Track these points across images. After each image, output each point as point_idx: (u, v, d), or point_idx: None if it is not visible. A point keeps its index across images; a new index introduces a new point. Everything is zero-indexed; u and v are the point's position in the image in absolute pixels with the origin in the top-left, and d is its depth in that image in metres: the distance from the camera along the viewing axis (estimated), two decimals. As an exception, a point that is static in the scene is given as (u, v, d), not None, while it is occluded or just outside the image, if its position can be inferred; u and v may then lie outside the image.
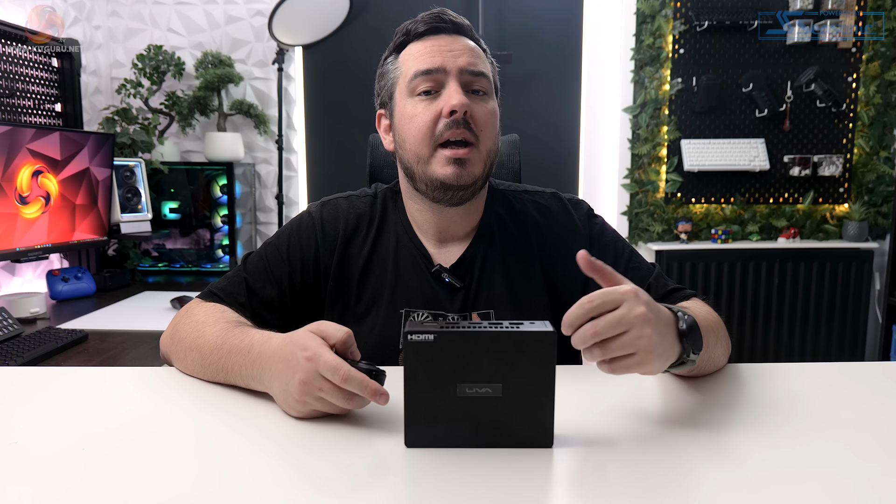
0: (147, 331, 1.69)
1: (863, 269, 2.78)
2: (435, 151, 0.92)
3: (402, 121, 0.95)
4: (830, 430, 0.68)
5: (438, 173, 0.92)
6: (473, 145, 0.92)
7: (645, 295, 0.66)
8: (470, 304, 0.98)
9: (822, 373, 0.88)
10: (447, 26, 0.95)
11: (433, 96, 0.92)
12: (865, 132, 2.80)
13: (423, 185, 0.95)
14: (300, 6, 2.58)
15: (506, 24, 2.83)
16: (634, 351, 0.63)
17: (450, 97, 0.90)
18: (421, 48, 0.94)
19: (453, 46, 0.93)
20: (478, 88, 0.93)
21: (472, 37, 0.97)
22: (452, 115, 0.90)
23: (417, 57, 0.94)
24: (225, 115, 2.70)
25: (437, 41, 0.94)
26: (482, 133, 0.92)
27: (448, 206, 0.96)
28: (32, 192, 1.92)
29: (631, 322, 0.62)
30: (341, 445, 0.64)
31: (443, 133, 0.91)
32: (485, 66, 0.96)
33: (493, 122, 0.95)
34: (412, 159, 0.94)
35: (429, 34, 0.95)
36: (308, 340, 0.68)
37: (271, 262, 0.99)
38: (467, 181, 0.92)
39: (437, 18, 0.95)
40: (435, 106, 0.91)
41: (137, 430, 0.68)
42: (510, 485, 0.57)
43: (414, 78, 0.92)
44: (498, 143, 0.98)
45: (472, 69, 0.93)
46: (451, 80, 0.91)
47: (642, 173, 2.83)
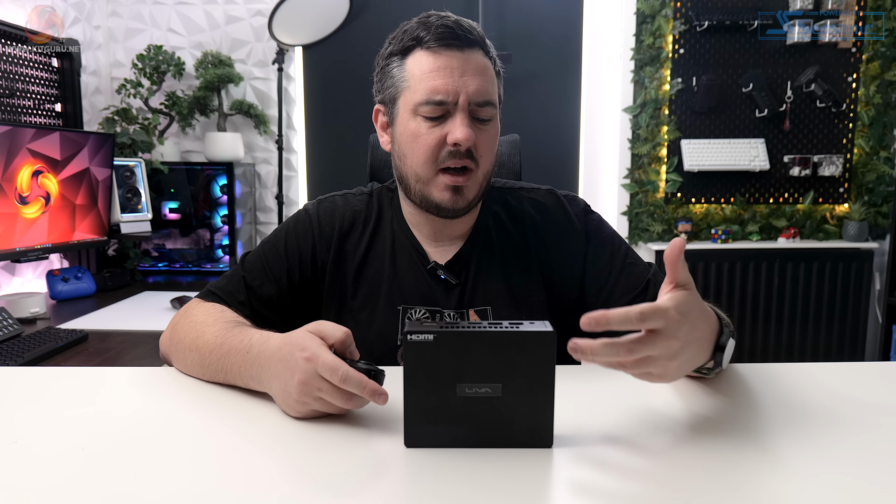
0: (147, 331, 1.69)
1: (863, 269, 2.78)
2: (436, 175, 0.93)
3: (405, 136, 0.94)
4: (830, 430, 0.68)
5: (435, 197, 0.93)
6: (472, 171, 0.93)
7: (692, 309, 0.64)
8: (466, 300, 0.99)
9: (822, 373, 0.88)
10: (460, 42, 0.91)
11: (439, 120, 0.91)
12: (865, 132, 2.80)
13: (417, 199, 0.96)
14: (300, 6, 2.58)
15: (506, 24, 2.83)
16: (650, 371, 0.63)
17: (455, 129, 0.89)
18: (431, 65, 0.91)
19: (465, 68, 0.90)
20: (483, 117, 0.93)
21: (483, 48, 0.94)
22: (456, 146, 0.90)
23: (428, 78, 0.90)
24: (225, 115, 2.70)
25: (449, 59, 0.90)
26: (482, 158, 0.93)
27: (439, 217, 0.97)
28: (32, 192, 1.92)
29: (661, 353, 0.62)
30: (341, 445, 0.64)
31: (445, 160, 0.91)
32: (493, 88, 0.94)
33: (494, 144, 0.96)
34: (411, 175, 0.95)
35: (440, 48, 0.91)
36: (306, 340, 0.68)
37: (269, 259, 0.99)
38: (462, 206, 0.94)
39: (451, 34, 0.90)
40: (440, 130, 0.91)
41: (137, 430, 0.68)
42: (510, 485, 0.57)
43: (423, 104, 0.90)
44: (496, 158, 0.98)
45: (481, 100, 0.91)
46: (459, 112, 0.90)
47: (642, 173, 2.83)
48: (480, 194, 0.96)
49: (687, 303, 0.64)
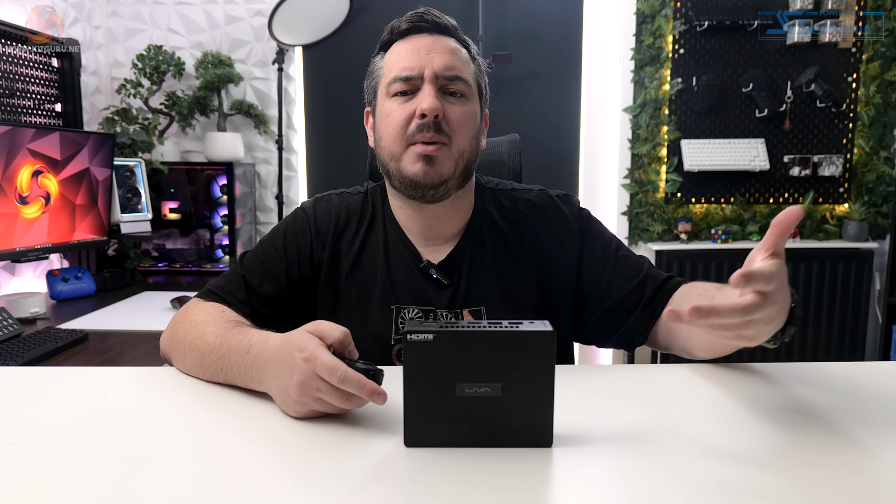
0: (147, 331, 1.69)
1: (863, 269, 2.78)
2: (406, 149, 0.93)
3: (381, 119, 0.97)
4: (830, 430, 0.68)
5: (408, 170, 0.93)
6: (444, 144, 0.93)
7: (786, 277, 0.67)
8: (460, 300, 0.99)
9: (822, 373, 0.88)
10: (428, 26, 0.96)
11: (409, 96, 0.93)
12: (865, 132, 2.80)
13: (397, 182, 0.96)
14: (300, 6, 2.58)
15: (506, 24, 2.83)
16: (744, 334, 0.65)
17: (422, 100, 0.91)
18: (402, 49, 0.95)
19: (432, 47, 0.94)
20: (454, 90, 0.94)
21: (456, 37, 0.98)
22: (423, 117, 0.91)
23: (398, 60, 0.95)
24: (225, 115, 2.70)
25: (417, 42, 0.95)
26: (455, 133, 0.93)
27: (424, 203, 0.96)
28: (32, 192, 1.92)
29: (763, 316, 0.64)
30: (341, 445, 0.64)
31: (414, 134, 0.92)
32: (465, 68, 0.95)
33: (469, 123, 0.95)
34: (387, 157, 0.96)
35: (410, 33, 0.96)
36: (305, 341, 0.68)
37: (268, 258, 1.00)
38: (435, 179, 0.93)
39: (419, 18, 0.96)
40: (409, 105, 0.93)
41: (137, 430, 0.68)
42: (510, 485, 0.57)
43: (393, 82, 0.94)
44: (476, 144, 0.98)
45: (448, 74, 0.93)
46: (426, 84, 0.92)
47: (642, 173, 2.83)
48: (457, 174, 0.95)
49: (784, 271, 0.66)
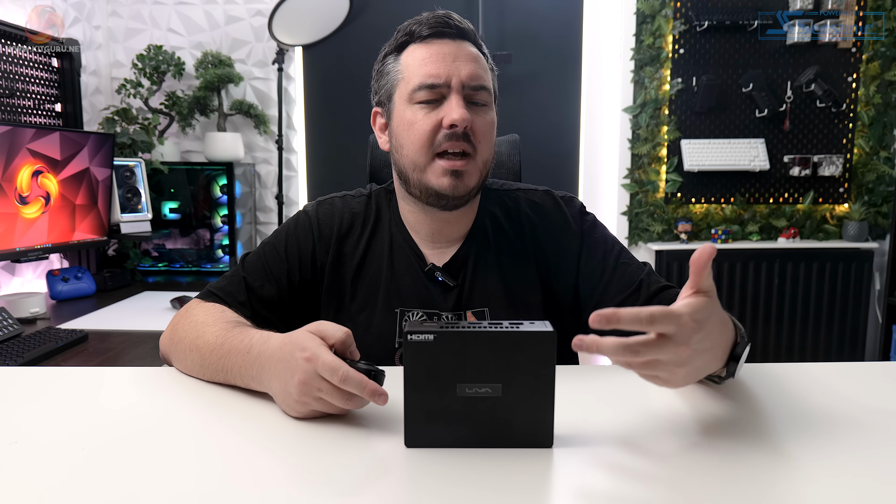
0: (147, 331, 1.69)
1: (863, 269, 2.78)
2: (432, 161, 0.93)
3: (401, 126, 0.95)
4: (830, 430, 0.68)
5: (434, 183, 0.93)
6: (471, 156, 0.92)
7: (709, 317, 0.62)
8: (464, 302, 0.99)
9: (822, 373, 0.88)
10: (452, 31, 0.94)
11: (434, 105, 0.92)
12: (865, 132, 2.80)
13: (417, 191, 0.96)
14: (300, 6, 2.58)
15: (506, 24, 2.83)
16: (657, 375, 0.62)
17: (451, 110, 0.90)
18: (425, 54, 0.93)
19: (457, 54, 0.93)
20: (478, 101, 0.94)
21: (475, 42, 0.97)
22: (453, 128, 0.90)
23: (421, 65, 0.93)
24: (225, 115, 2.70)
25: (441, 47, 0.93)
26: (480, 144, 0.93)
27: (441, 210, 0.97)
28: (32, 192, 1.92)
29: (670, 359, 0.60)
30: (341, 445, 0.64)
31: (441, 143, 0.91)
32: (486, 76, 0.96)
33: (492, 132, 0.96)
34: (408, 165, 0.95)
35: (432, 38, 0.94)
36: (307, 341, 0.68)
37: (269, 261, 0.99)
38: (462, 192, 0.93)
39: (443, 23, 0.94)
40: (435, 115, 0.92)
41: (137, 430, 0.68)
42: (510, 485, 0.57)
43: (417, 90, 0.92)
44: (494, 151, 0.98)
45: (474, 84, 0.92)
46: (454, 94, 0.91)
47: (642, 173, 2.83)
48: (480, 184, 0.96)
49: (704, 310, 0.61)
